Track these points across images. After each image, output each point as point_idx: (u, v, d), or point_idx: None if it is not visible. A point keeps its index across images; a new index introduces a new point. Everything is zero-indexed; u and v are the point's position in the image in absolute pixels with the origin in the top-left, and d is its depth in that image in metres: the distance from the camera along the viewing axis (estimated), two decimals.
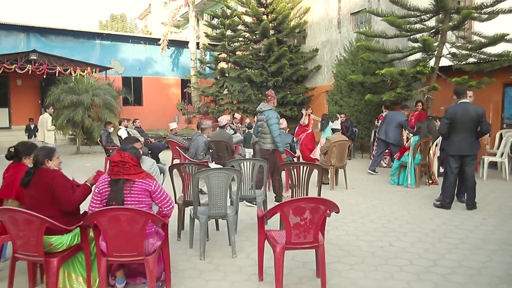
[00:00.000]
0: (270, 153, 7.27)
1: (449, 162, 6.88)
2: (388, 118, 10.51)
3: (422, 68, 10.73)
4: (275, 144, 7.17)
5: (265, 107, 7.25)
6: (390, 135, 10.28)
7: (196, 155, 8.12)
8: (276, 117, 7.17)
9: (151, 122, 25.11)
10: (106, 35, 24.88)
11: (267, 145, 7.24)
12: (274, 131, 7.08)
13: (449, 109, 6.78)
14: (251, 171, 5.90)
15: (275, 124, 7.10)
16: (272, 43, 18.04)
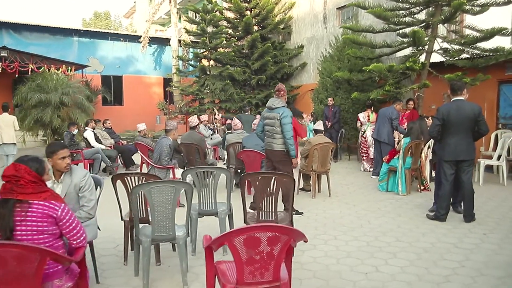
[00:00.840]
0: (285, 155, 6.36)
1: (443, 169, 6.03)
2: (380, 115, 9.78)
3: (412, 64, 9.90)
4: (288, 147, 6.28)
5: (277, 103, 6.35)
6: (381, 133, 9.49)
7: (160, 160, 7.20)
8: (291, 115, 6.33)
9: (132, 122, 23.98)
10: (84, 32, 23.84)
11: (279, 145, 6.33)
12: (288, 132, 6.19)
13: (441, 109, 5.94)
14: (213, 181, 4.98)
15: (290, 124, 6.24)
16: (255, 39, 17.15)
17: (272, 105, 6.37)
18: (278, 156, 6.35)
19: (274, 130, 6.31)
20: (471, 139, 5.93)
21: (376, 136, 9.62)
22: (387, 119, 9.41)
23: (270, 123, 6.39)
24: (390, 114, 9.46)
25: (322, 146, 7.59)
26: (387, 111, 9.60)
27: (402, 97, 11.43)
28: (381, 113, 9.73)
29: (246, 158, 7.63)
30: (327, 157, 7.74)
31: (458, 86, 5.95)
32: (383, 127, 9.47)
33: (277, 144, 6.32)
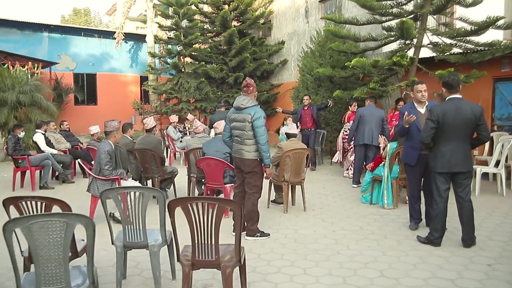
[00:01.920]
0: (258, 165, 5.31)
1: (435, 183, 4.96)
2: (368, 116, 8.47)
3: (400, 59, 8.88)
4: (262, 155, 5.20)
5: (247, 103, 5.24)
6: (375, 136, 8.40)
7: (100, 171, 6.07)
8: (264, 116, 5.24)
9: None
10: (55, 27, 22.48)
11: (251, 153, 5.24)
12: (261, 137, 5.14)
13: (436, 109, 4.87)
14: (141, 203, 3.84)
15: (263, 126, 5.17)
16: (233, 34, 16.01)
17: (240, 104, 5.27)
18: (250, 166, 5.27)
19: (244, 135, 5.23)
20: (468, 147, 4.90)
21: (368, 141, 8.43)
22: (380, 120, 8.46)
23: (239, 126, 5.30)
24: (382, 115, 8.59)
25: (295, 152, 6.51)
26: (377, 112, 8.62)
27: (389, 96, 10.41)
28: (368, 115, 8.50)
29: (206, 167, 6.51)
30: (301, 165, 6.66)
31: (456, 81, 4.88)
32: (376, 131, 8.43)
33: (249, 151, 5.24)
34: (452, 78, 4.90)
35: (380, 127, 8.42)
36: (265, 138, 5.15)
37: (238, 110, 5.32)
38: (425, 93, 5.48)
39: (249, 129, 5.19)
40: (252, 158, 5.24)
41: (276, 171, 6.77)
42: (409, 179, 5.77)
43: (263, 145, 5.14)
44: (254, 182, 5.31)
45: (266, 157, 5.19)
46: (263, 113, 5.25)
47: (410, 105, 5.67)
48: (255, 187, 5.33)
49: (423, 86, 5.51)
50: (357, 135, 8.60)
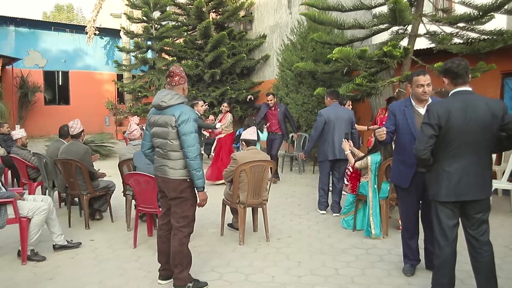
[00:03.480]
0: (187, 188, 3.76)
1: (438, 217, 3.39)
2: (334, 121, 6.39)
3: (391, 49, 7.33)
4: (192, 174, 3.66)
5: (171, 99, 3.68)
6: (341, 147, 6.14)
7: None
8: (194, 119, 3.67)
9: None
10: (21, 20, 20.75)
11: (178, 171, 3.70)
12: (190, 148, 3.61)
13: (435, 107, 3.31)
14: None
15: (194, 133, 3.63)
16: (208, 26, 14.39)
17: (161, 102, 3.70)
18: (176, 190, 3.72)
19: (167, 146, 3.69)
20: (487, 163, 3.35)
21: (339, 155, 6.29)
22: (349, 124, 6.57)
23: (160, 133, 3.75)
24: (351, 117, 6.67)
25: (253, 166, 4.94)
26: (344, 113, 6.59)
27: (379, 93, 8.83)
28: (335, 117, 6.41)
29: (135, 185, 4.94)
30: (262, 182, 5.09)
31: (463, 67, 3.31)
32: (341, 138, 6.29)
33: (175, 168, 3.69)
34: (457, 64, 3.34)
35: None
36: (195, 150, 3.60)
37: (158, 110, 3.75)
38: (428, 88, 3.91)
39: (174, 137, 3.63)
40: (179, 178, 3.68)
41: (229, 189, 5.20)
42: (402, 207, 4.20)
43: (194, 160, 3.58)
44: (182, 212, 3.75)
45: (198, 177, 3.63)
46: (194, 114, 3.69)
47: (406, 103, 4.09)
48: (183, 219, 3.77)
49: (426, 78, 3.93)
50: (322, 147, 6.49)
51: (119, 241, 5.37)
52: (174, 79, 3.72)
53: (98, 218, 6.42)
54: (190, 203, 3.77)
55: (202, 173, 3.67)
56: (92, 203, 6.31)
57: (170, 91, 3.71)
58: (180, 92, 3.75)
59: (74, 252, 4.99)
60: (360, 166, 5.25)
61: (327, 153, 6.39)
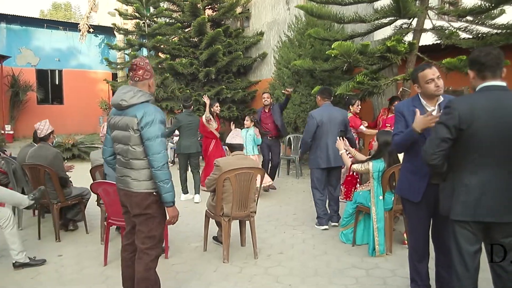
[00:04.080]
0: (154, 203, 3.15)
1: (455, 239, 2.78)
2: (328, 123, 5.65)
3: (395, 44, 6.72)
4: (159, 186, 3.05)
5: (134, 97, 3.07)
6: (337, 153, 5.45)
7: None
8: (160, 120, 3.06)
9: (74, 123, 20.68)
10: (13, 17, 20.16)
11: (142, 182, 3.10)
12: (156, 156, 3.01)
13: (456, 104, 2.68)
14: None
15: (160, 138, 3.02)
16: (203, 22, 13.79)
17: (121, 101, 3.09)
18: (140, 205, 3.11)
19: (129, 153, 3.09)
20: None
21: (334, 162, 5.62)
22: (344, 126, 5.82)
23: (121, 138, 3.15)
24: (345, 118, 5.93)
25: (238, 173, 4.33)
26: (338, 114, 5.82)
27: (382, 92, 8.21)
28: (328, 119, 5.68)
29: (104, 196, 4.34)
30: (249, 192, 4.47)
31: (494, 57, 2.70)
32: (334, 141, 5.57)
33: (138, 180, 3.09)
34: (486, 53, 2.73)
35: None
36: (162, 157, 3.00)
37: (119, 110, 3.15)
38: (439, 82, 3.28)
39: (136, 143, 3.03)
40: (144, 191, 3.08)
41: (212, 200, 4.60)
42: (411, 225, 3.58)
43: (160, 170, 2.98)
44: (148, 232, 3.15)
45: (166, 190, 3.03)
46: (161, 115, 3.08)
47: (414, 102, 3.45)
48: (149, 239, 3.16)
49: (434, 70, 3.30)
50: (313, 153, 5.74)
51: (90, 257, 4.78)
52: (137, 73, 3.12)
53: (71, 228, 5.82)
54: (158, 221, 3.17)
55: (171, 185, 3.07)
56: (65, 212, 5.74)
57: (133, 88, 3.11)
58: (145, 88, 3.15)
59: (36, 270, 4.40)
60: (358, 170, 4.63)
61: (319, 160, 5.66)
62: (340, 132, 5.41)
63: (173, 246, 5.01)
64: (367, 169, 4.48)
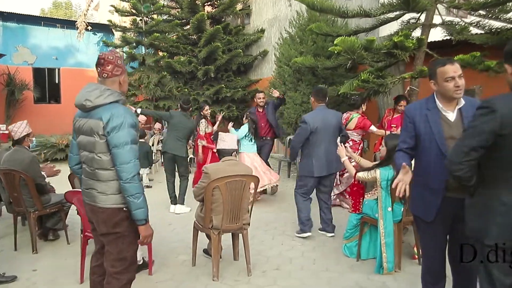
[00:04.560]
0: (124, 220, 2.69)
1: (487, 269, 2.26)
2: (323, 128, 5.15)
3: (403, 39, 6.24)
4: (128, 201, 2.58)
5: (100, 97, 2.64)
6: (336, 158, 4.94)
7: None
8: (131, 124, 2.60)
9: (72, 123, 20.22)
10: (9, 14, 19.69)
11: (111, 197, 2.64)
12: (125, 166, 2.56)
13: (498, 104, 2.16)
14: None
15: (129, 145, 2.57)
16: (202, 19, 13.33)
17: (86, 100, 2.65)
18: (108, 223, 2.66)
19: (95, 162, 2.64)
20: None
21: (328, 170, 5.19)
22: (338, 131, 5.35)
23: (86, 144, 2.70)
24: (340, 120, 5.42)
25: (229, 181, 3.86)
26: (333, 117, 5.30)
27: (387, 91, 7.72)
28: (323, 123, 5.16)
29: (79, 206, 3.88)
30: (241, 202, 4.00)
31: None
32: (335, 149, 4.99)
33: (105, 193, 2.64)
34: None
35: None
36: (132, 168, 2.54)
37: (84, 111, 2.69)
38: (461, 82, 2.79)
39: (102, 150, 2.58)
40: (112, 206, 2.62)
41: (201, 211, 4.13)
42: (424, 244, 3.10)
43: (129, 183, 2.53)
44: (118, 253, 2.69)
45: (137, 206, 2.57)
46: (132, 118, 2.62)
47: (429, 104, 2.95)
48: (120, 262, 2.70)
49: (456, 67, 2.81)
50: (305, 160, 5.24)
51: (67, 272, 4.32)
52: (105, 68, 2.66)
53: (51, 238, 5.37)
54: (129, 241, 2.71)
55: (143, 200, 2.61)
56: (45, 221, 5.29)
57: (100, 86, 2.66)
58: (114, 87, 2.69)
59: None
60: (364, 179, 4.15)
61: (313, 168, 5.14)
62: (341, 137, 4.94)
63: (158, 259, 4.56)
64: (374, 177, 4.01)
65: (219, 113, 11.17)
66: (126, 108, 2.67)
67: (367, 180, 4.14)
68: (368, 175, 4.08)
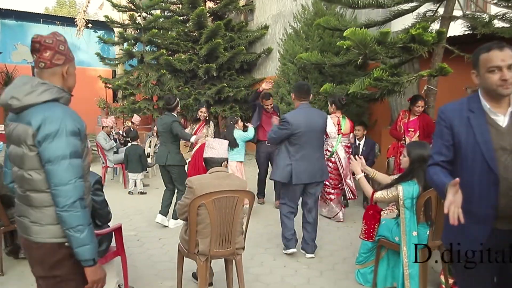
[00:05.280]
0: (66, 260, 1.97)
1: None
2: (307, 128, 4.45)
3: (421, 32, 5.54)
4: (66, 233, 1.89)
5: (32, 94, 1.93)
6: (322, 164, 4.68)
7: None
8: (71, 131, 1.92)
9: None
10: (6, 11, 19.13)
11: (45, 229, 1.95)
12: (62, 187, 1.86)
13: None
14: None
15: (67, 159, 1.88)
16: (202, 14, 12.65)
17: (12, 98, 1.95)
18: (44, 263, 1.98)
19: (25, 181, 1.95)
20: None
21: (312, 176, 4.52)
22: (323, 132, 4.72)
23: (14, 156, 2.00)
24: (325, 122, 4.72)
25: (218, 198, 3.17)
26: (318, 117, 4.60)
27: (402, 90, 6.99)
28: (308, 125, 4.47)
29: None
30: (233, 222, 3.31)
31: None
32: (321, 154, 4.68)
33: (39, 223, 1.95)
34: None
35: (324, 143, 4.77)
36: (71, 191, 1.86)
37: (14, 112, 2.02)
38: (509, 75, 2.08)
39: (33, 166, 1.92)
40: (49, 240, 1.95)
41: (185, 233, 3.45)
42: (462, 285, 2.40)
43: (68, 211, 1.86)
44: None
45: (79, 242, 1.90)
46: (73, 123, 1.94)
47: (471, 104, 2.21)
48: None
49: (506, 56, 2.10)
50: (289, 164, 4.48)
51: None
52: (42, 55, 1.99)
53: (23, 257, 4.71)
54: (73, 286, 2.03)
55: (89, 234, 1.93)
56: (15, 237, 4.65)
57: (32, 79, 1.99)
58: (54, 80, 2.02)
59: None
60: (384, 199, 3.45)
61: (294, 175, 4.42)
62: (353, 147, 4.25)
63: (140, 285, 3.89)
64: (395, 196, 3.31)
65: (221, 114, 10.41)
66: (66, 109, 1.99)
67: (388, 200, 3.43)
68: (388, 194, 3.37)
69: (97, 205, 3.23)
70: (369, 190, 3.55)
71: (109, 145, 8.63)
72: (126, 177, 8.58)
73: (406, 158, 3.40)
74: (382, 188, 3.45)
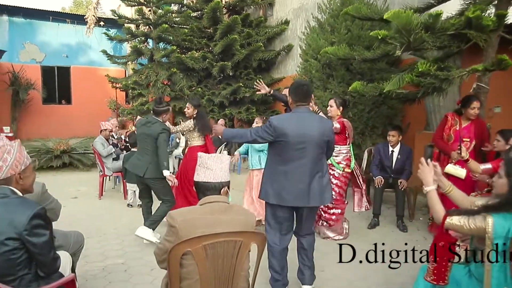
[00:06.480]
0: None
1: None
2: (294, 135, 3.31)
3: (479, 14, 4.41)
4: None
5: None
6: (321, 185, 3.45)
7: None
8: None
9: (83, 125, 18.83)
10: (14, 8, 18.43)
11: None
12: None
13: None
14: None
15: None
16: (217, 8, 11.65)
17: None
18: None
19: None
20: None
21: (303, 199, 3.37)
22: (326, 144, 3.47)
23: None
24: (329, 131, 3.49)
25: (212, 243, 2.10)
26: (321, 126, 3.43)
27: (445, 90, 5.81)
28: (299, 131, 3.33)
29: None
30: (234, 278, 2.23)
31: None
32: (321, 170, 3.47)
33: None
34: None
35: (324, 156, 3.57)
36: None
37: None
38: None
39: None
40: None
41: (166, 287, 2.38)
42: None
43: None
44: None
45: None
46: None
47: None
48: None
49: None
50: (276, 181, 3.42)
51: None
52: None
53: None
54: None
55: None
56: None
57: None
58: None
59: None
60: (461, 229, 2.29)
61: (282, 194, 3.35)
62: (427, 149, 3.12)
63: None
64: (480, 229, 2.17)
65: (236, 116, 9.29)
66: None
67: (465, 231, 2.29)
68: (470, 223, 2.22)
69: (36, 250, 2.21)
70: (441, 211, 2.40)
71: (106, 151, 7.64)
72: (126, 187, 7.58)
73: (503, 180, 2.26)
74: (461, 213, 2.31)
